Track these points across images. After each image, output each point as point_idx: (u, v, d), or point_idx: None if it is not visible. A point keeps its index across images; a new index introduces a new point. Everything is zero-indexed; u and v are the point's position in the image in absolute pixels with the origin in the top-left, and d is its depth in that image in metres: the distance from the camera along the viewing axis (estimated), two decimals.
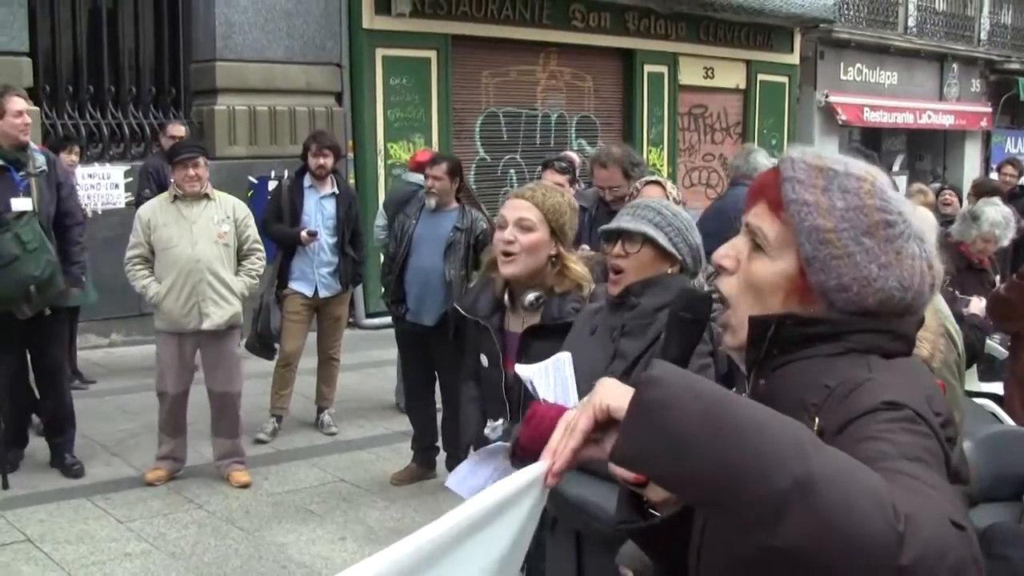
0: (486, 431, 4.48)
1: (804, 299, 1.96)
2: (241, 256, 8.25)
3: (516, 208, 4.31)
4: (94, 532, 7.25)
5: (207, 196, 8.10)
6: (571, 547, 3.45)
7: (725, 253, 2.09)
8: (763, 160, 7.56)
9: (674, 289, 3.63)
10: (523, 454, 2.23)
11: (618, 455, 1.61)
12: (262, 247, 8.42)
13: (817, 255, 1.92)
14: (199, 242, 7.96)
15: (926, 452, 1.61)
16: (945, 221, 9.08)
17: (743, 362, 2.06)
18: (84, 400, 9.72)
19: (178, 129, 11.89)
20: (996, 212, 7.63)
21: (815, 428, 1.78)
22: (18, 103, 7.80)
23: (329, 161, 9.38)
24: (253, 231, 8.32)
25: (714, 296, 2.49)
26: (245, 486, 8.16)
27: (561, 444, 1.73)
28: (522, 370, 3.64)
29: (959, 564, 1.39)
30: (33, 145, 8.21)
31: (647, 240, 3.65)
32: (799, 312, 1.95)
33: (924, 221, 5.59)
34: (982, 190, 12.01)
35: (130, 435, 9.20)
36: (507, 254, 4.27)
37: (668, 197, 5.70)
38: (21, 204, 7.78)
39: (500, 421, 4.37)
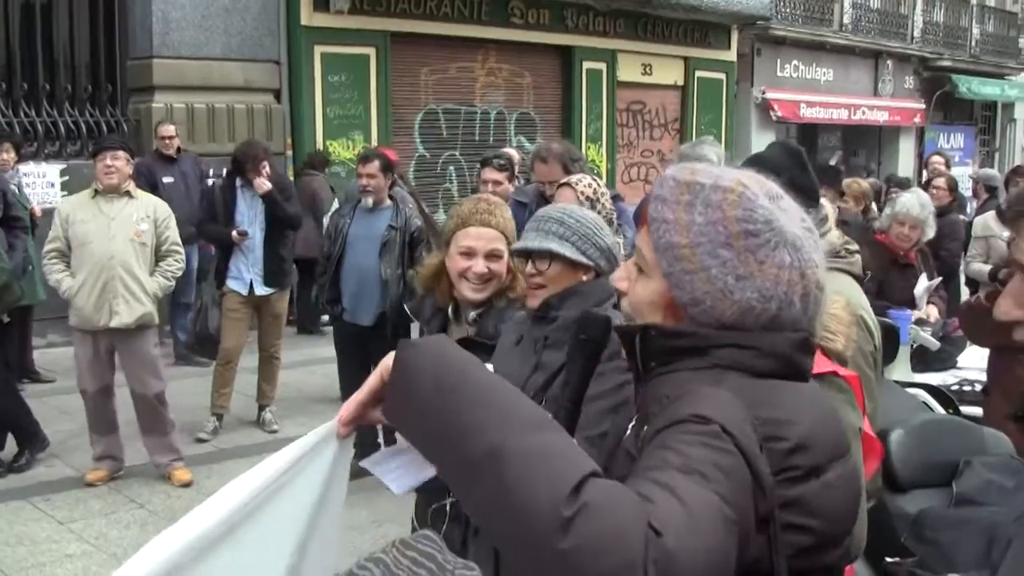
0: None
1: (675, 316, 1.99)
2: (159, 257, 8.17)
3: (486, 239, 4.23)
4: (34, 534, 7.21)
5: (128, 194, 8.03)
6: (490, 551, 3.50)
7: (619, 275, 2.14)
8: (710, 151, 7.61)
9: (592, 296, 3.68)
10: None
11: (383, 411, 1.76)
12: (181, 249, 8.36)
13: (673, 271, 1.94)
14: (115, 239, 7.88)
15: (714, 468, 1.61)
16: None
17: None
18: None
19: (167, 129, 11.89)
20: (910, 195, 7.75)
21: (642, 435, 1.85)
22: None
23: (267, 172, 9.35)
24: (173, 233, 8.23)
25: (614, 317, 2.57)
26: (187, 484, 8.13)
27: (352, 397, 1.83)
28: None
29: (625, 566, 1.39)
30: None
31: (554, 256, 3.65)
32: (660, 324, 1.99)
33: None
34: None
35: (70, 436, 9.12)
36: (480, 285, 4.28)
37: (579, 198, 5.69)
38: None
39: None
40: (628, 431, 2.14)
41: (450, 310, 4.43)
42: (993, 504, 4.03)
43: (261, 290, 9.43)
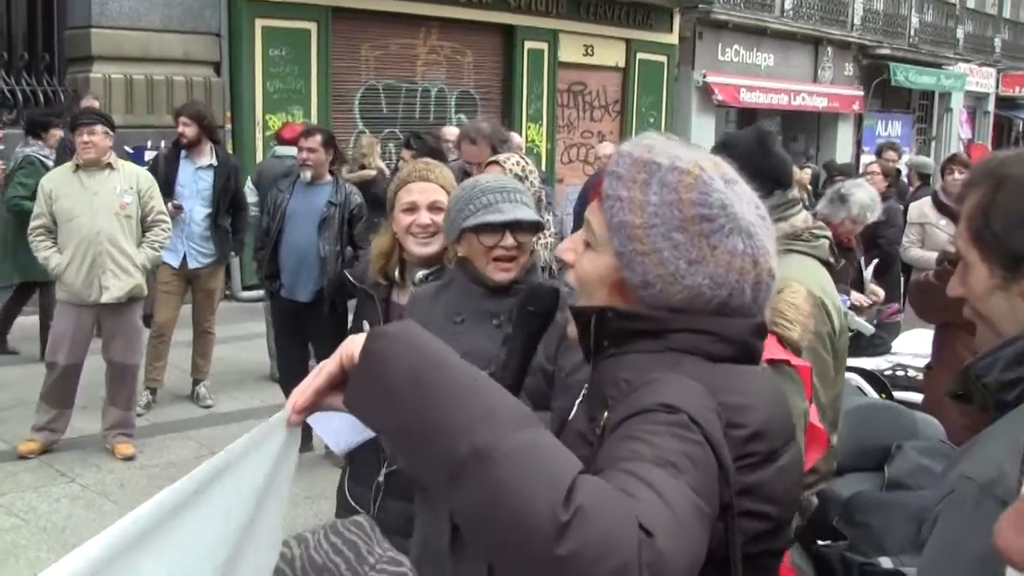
0: None
1: (623, 295, 1.96)
2: (145, 227, 8.16)
3: (427, 191, 4.30)
4: None
5: (110, 166, 8.00)
6: (445, 512, 3.47)
7: (566, 247, 2.09)
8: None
9: (535, 265, 3.69)
10: None
11: (346, 401, 1.66)
12: (167, 218, 8.36)
13: (624, 251, 1.92)
14: (100, 213, 7.86)
15: (685, 459, 1.57)
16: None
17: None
18: None
19: (93, 104, 11.77)
20: (865, 194, 7.80)
21: (603, 422, 1.81)
22: None
23: (190, 130, 9.29)
24: (158, 202, 8.23)
25: (563, 289, 2.55)
26: (129, 458, 8.10)
27: (307, 384, 1.74)
28: None
29: (622, 569, 1.35)
30: None
31: (539, 226, 3.65)
32: (618, 306, 1.96)
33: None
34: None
35: (2, 408, 9.05)
36: (426, 237, 4.30)
37: (506, 173, 5.68)
38: None
39: None
40: (575, 409, 2.12)
41: (396, 274, 4.44)
42: (923, 488, 4.09)
43: (194, 263, 9.41)
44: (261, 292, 10.58)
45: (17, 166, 10.35)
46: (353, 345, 1.67)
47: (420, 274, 4.32)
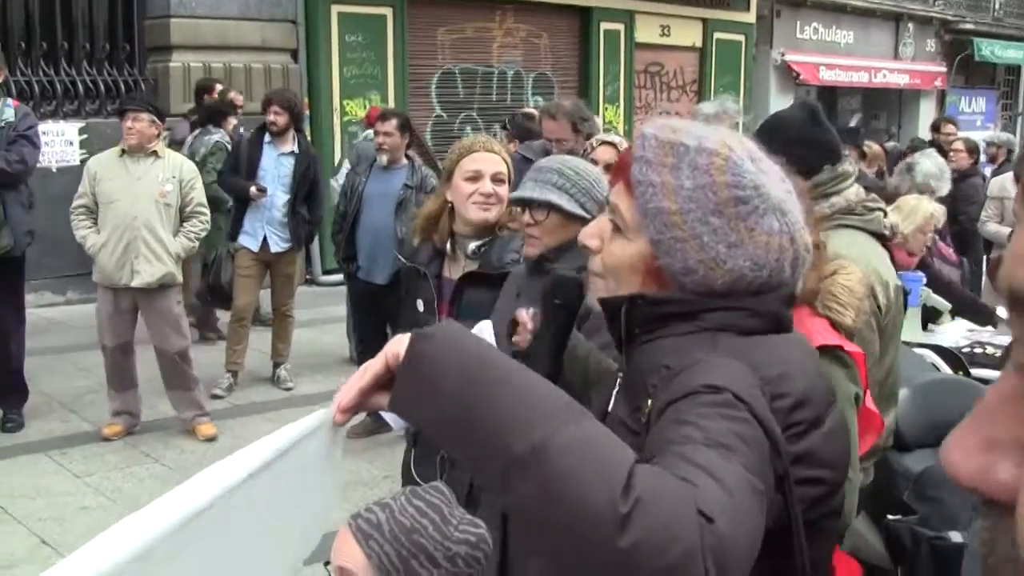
0: None
1: (659, 281, 1.95)
2: (184, 217, 8.23)
3: (492, 162, 4.33)
4: (51, 487, 7.28)
5: (155, 154, 8.08)
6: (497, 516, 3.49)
7: (591, 232, 2.07)
8: (732, 106, 7.41)
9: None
10: None
11: (391, 403, 1.64)
12: (206, 210, 8.39)
13: (662, 238, 1.90)
14: (140, 199, 7.94)
15: (735, 438, 1.58)
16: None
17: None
18: (41, 358, 9.73)
19: (239, 97, 12.10)
20: (931, 163, 7.70)
21: (647, 409, 1.80)
22: None
23: (281, 119, 9.35)
24: (198, 193, 8.28)
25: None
26: (211, 439, 8.21)
27: (352, 383, 1.70)
28: None
29: (685, 556, 1.36)
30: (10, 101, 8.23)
31: (552, 207, 3.64)
32: (648, 292, 1.95)
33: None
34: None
35: (86, 391, 9.22)
36: (487, 204, 4.34)
37: None
38: None
39: None
40: (612, 399, 2.12)
41: (448, 247, 4.46)
42: None
43: (275, 247, 9.51)
44: (341, 276, 10.65)
45: (209, 152, 10.49)
46: (398, 345, 1.64)
47: (472, 245, 4.34)
